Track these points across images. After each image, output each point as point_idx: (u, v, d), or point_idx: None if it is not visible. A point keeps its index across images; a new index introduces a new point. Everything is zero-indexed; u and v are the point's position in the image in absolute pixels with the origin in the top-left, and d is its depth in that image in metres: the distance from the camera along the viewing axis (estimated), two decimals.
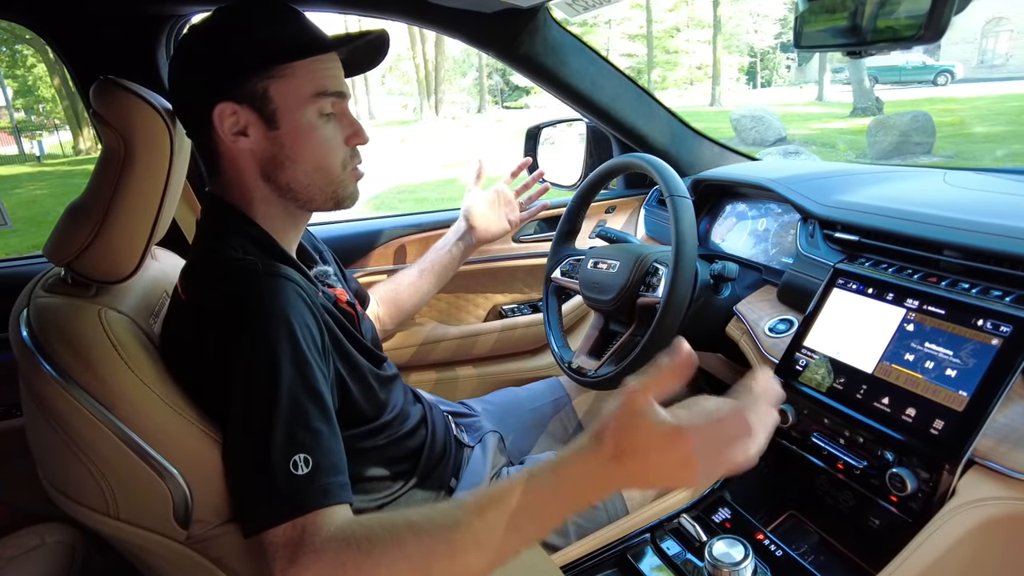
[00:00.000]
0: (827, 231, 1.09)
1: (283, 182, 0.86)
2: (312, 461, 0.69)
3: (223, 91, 0.81)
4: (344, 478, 0.72)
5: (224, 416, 0.74)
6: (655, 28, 22.65)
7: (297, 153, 0.84)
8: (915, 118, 8.55)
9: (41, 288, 0.81)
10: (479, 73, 24.73)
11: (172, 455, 0.73)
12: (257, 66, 0.81)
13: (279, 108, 0.82)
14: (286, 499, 0.67)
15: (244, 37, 0.82)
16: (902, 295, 0.89)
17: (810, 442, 0.95)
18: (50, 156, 18.01)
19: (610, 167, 1.24)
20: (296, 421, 0.70)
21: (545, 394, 1.30)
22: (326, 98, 0.84)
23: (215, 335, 0.74)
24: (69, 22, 1.11)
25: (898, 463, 0.81)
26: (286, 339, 0.73)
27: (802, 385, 0.96)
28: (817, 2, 0.79)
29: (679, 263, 1.00)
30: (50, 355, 0.72)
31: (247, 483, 0.71)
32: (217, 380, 0.74)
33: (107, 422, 0.70)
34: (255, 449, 0.69)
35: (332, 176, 0.87)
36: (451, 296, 1.65)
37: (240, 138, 0.83)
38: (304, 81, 0.82)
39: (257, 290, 0.75)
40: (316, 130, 0.84)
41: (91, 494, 0.72)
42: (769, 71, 29.68)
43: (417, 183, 9.64)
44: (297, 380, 0.72)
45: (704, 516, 0.98)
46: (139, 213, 0.80)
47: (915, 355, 0.84)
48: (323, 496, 0.68)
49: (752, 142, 10.10)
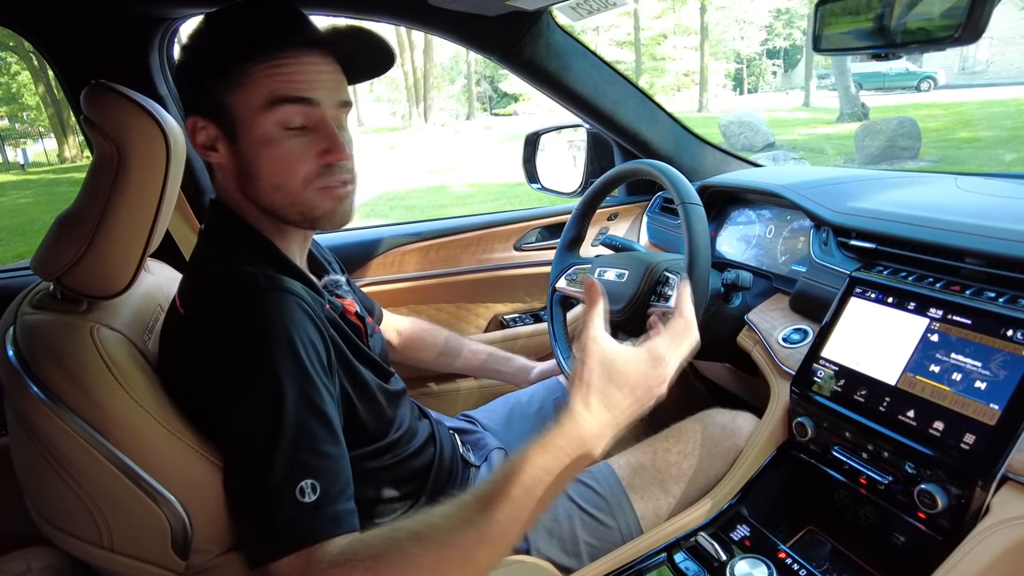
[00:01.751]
0: (841, 238, 1.07)
1: (253, 197, 0.80)
2: (319, 488, 0.65)
3: (191, 104, 0.78)
4: (352, 504, 0.69)
5: (225, 440, 0.70)
6: (642, 35, 22.75)
7: (256, 168, 0.78)
8: (901, 123, 8.63)
9: (28, 304, 0.77)
10: (468, 80, 24.75)
11: (169, 481, 0.69)
12: (214, 73, 0.75)
13: (237, 119, 0.76)
14: (294, 529, 0.63)
15: (209, 42, 0.77)
16: (924, 304, 0.87)
17: (830, 456, 0.92)
18: (35, 164, 17.83)
19: (617, 174, 1.21)
20: (302, 445, 0.67)
21: (546, 395, 1.27)
22: (286, 106, 0.75)
23: (215, 354, 0.70)
24: (57, 25, 1.06)
25: (925, 478, 0.79)
26: (290, 358, 0.69)
27: (820, 397, 0.93)
28: (838, 3, 0.77)
29: (694, 272, 0.97)
30: (39, 376, 0.68)
31: (252, 511, 0.67)
32: (218, 402, 0.70)
33: (100, 447, 0.66)
34: (260, 475, 0.65)
35: (291, 195, 0.78)
36: (451, 306, 1.61)
37: (210, 152, 0.79)
38: (258, 88, 0.74)
39: (258, 306, 0.72)
40: (273, 144, 0.76)
41: (83, 524, 0.68)
42: (755, 77, 29.99)
43: (406, 190, 9.59)
44: (301, 402, 0.68)
45: (722, 533, 0.94)
46: (133, 224, 0.76)
47: (941, 367, 0.81)
48: (333, 525, 0.65)
49: (741, 148, 10.15)
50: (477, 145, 14.45)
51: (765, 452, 0.99)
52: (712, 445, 1.03)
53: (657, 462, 1.02)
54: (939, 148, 8.98)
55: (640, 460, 1.03)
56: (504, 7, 1.15)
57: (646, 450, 1.05)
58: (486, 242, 1.60)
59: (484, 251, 1.60)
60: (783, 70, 30.18)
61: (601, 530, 0.97)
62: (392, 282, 1.52)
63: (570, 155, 1.79)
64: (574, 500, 0.98)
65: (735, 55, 26.95)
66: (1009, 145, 8.90)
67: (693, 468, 1.01)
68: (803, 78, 20.15)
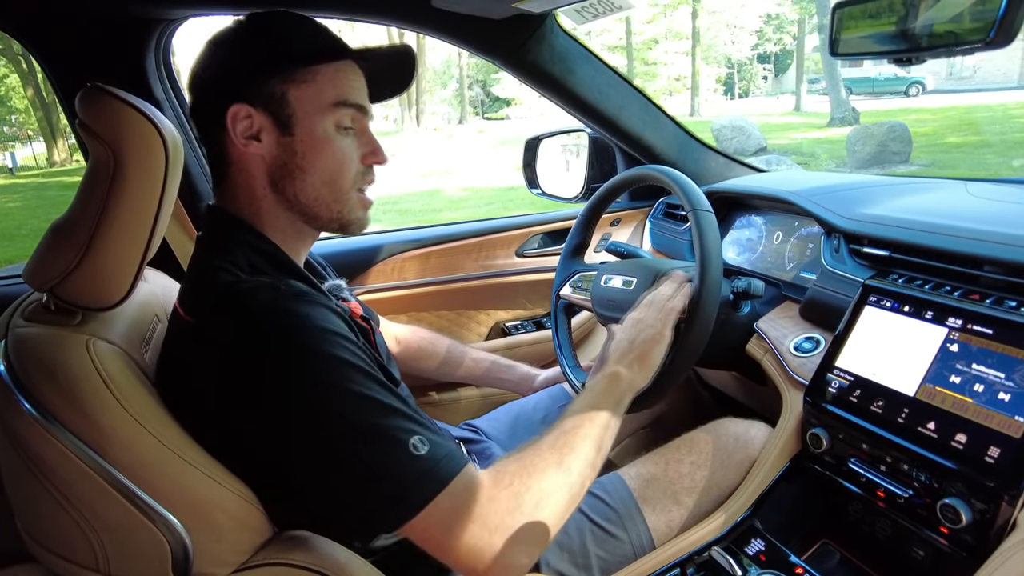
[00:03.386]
0: (853, 245, 1.05)
1: (291, 192, 0.81)
2: (425, 438, 0.68)
3: (239, 92, 0.78)
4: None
5: (290, 448, 0.68)
6: (634, 39, 22.85)
7: (308, 162, 0.80)
8: (892, 128, 8.69)
9: (20, 316, 0.73)
10: (460, 84, 24.76)
11: (170, 501, 0.66)
12: (278, 68, 0.78)
13: (296, 113, 0.79)
14: (431, 474, 0.66)
15: (265, 38, 0.80)
16: (943, 313, 0.85)
17: (846, 467, 0.90)
18: (23, 168, 17.66)
19: (623, 179, 1.19)
20: (389, 413, 0.68)
21: (550, 404, 1.25)
22: (346, 109, 0.81)
23: (244, 368, 0.68)
24: (50, 27, 1.03)
25: (948, 492, 0.77)
26: (335, 348, 0.69)
27: (836, 408, 0.91)
28: (857, 6, 0.75)
29: (706, 280, 0.95)
30: (31, 392, 0.64)
31: (378, 489, 0.66)
32: (259, 412, 0.67)
33: (96, 467, 0.63)
34: (366, 457, 0.66)
35: (340, 193, 0.83)
36: (451, 313, 1.59)
37: (252, 142, 0.79)
38: (325, 88, 0.79)
39: (287, 312, 0.70)
40: (331, 141, 0.80)
41: (78, 548, 0.65)
42: (746, 81, 30.18)
43: (400, 194, 9.55)
44: (365, 379, 0.69)
45: (736, 547, 0.92)
46: (131, 232, 0.73)
47: (962, 377, 0.80)
48: (460, 455, 0.69)
49: (733, 152, 10.07)
50: (470, 149, 14.44)
51: (778, 463, 0.98)
52: (725, 456, 1.01)
53: (669, 473, 1.00)
54: (929, 152, 9.05)
55: (651, 471, 1.01)
56: (510, 10, 1.13)
57: (657, 460, 1.02)
58: (487, 248, 1.57)
59: (485, 257, 1.58)
60: (774, 75, 30.39)
61: (612, 543, 0.95)
62: (392, 289, 1.49)
63: (563, 159, 1.77)
64: (584, 512, 0.96)
65: (726, 60, 27.10)
66: (997, 149, 8.98)
67: (706, 479, 0.99)
68: (794, 83, 20.31)
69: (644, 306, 0.98)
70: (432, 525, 0.66)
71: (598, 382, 0.89)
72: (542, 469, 0.73)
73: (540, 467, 0.73)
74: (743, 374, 1.24)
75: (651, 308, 0.97)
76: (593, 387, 0.88)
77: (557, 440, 0.77)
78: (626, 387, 0.88)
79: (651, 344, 0.93)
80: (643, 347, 0.93)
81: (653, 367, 0.92)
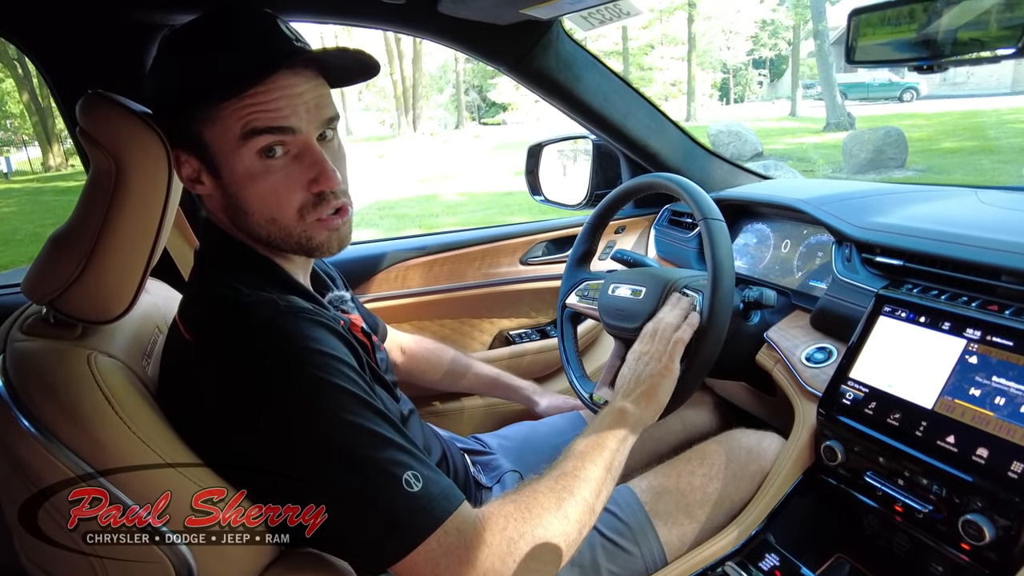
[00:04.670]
0: (865, 255, 1.04)
1: (247, 229, 0.76)
2: (419, 474, 0.66)
3: (174, 137, 0.73)
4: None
5: (278, 472, 0.66)
6: (630, 45, 22.90)
7: (244, 202, 0.74)
8: (888, 133, 8.72)
9: (19, 330, 0.71)
10: (456, 89, 24.77)
11: (174, 521, 0.64)
12: (182, 109, 0.71)
13: (215, 154, 0.72)
14: (425, 512, 0.64)
15: (174, 75, 0.71)
16: (961, 324, 0.84)
17: (862, 481, 0.88)
18: (18, 173, 17.57)
19: (631, 187, 1.17)
20: (384, 445, 0.66)
21: (566, 429, 1.22)
22: (261, 137, 0.70)
23: (241, 391, 0.66)
24: (49, 31, 1.01)
25: (969, 508, 0.75)
26: (333, 373, 0.67)
27: (851, 420, 0.89)
28: (876, 13, 0.74)
29: (718, 290, 0.94)
30: (30, 409, 0.63)
31: (368, 524, 0.64)
32: (258, 432, 0.66)
33: (98, 487, 0.61)
34: (358, 490, 0.64)
35: (287, 227, 0.75)
36: (455, 321, 1.57)
37: (197, 185, 0.75)
38: (229, 122, 0.69)
39: (288, 330, 0.68)
40: (259, 177, 0.72)
41: (77, 570, 0.63)
42: (742, 87, 30.28)
43: (397, 199, 9.53)
44: (361, 406, 0.67)
45: (750, 563, 0.90)
46: (133, 243, 0.72)
47: (982, 390, 0.78)
48: (453, 496, 0.67)
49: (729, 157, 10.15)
50: (466, 154, 14.43)
51: (792, 476, 0.96)
52: (738, 468, 0.99)
53: (681, 485, 0.98)
54: (925, 157, 9.08)
55: (663, 484, 0.99)
56: (517, 16, 1.12)
57: (669, 472, 1.01)
58: (491, 256, 1.55)
59: (490, 265, 1.56)
60: (769, 80, 30.52)
61: (624, 558, 0.93)
62: (395, 298, 1.47)
63: (560, 164, 1.75)
64: (596, 526, 0.93)
65: (722, 65, 27.20)
66: (994, 155, 9.01)
67: (718, 492, 0.98)
68: (789, 88, 20.39)
69: (649, 337, 0.96)
70: (422, 564, 0.64)
71: (604, 417, 0.87)
72: (539, 514, 0.71)
73: (537, 512, 0.71)
74: (752, 384, 1.22)
75: (656, 340, 0.95)
76: (599, 422, 0.86)
77: (557, 483, 0.75)
78: (632, 423, 0.86)
79: (658, 379, 0.91)
80: (650, 382, 0.90)
81: (662, 403, 0.90)
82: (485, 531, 0.67)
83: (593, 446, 0.81)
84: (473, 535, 0.66)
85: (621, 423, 0.85)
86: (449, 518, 0.65)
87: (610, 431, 0.84)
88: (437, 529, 0.64)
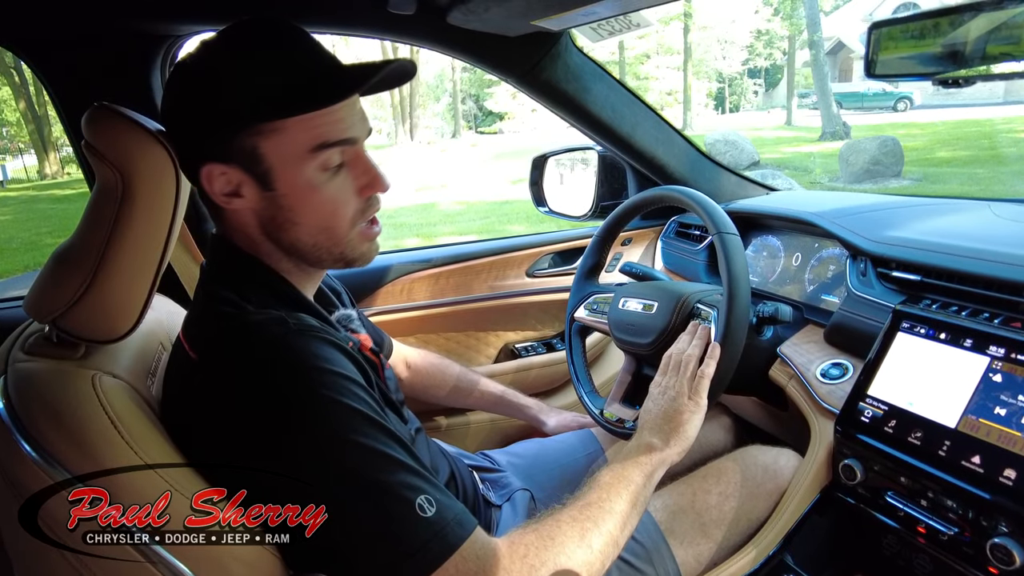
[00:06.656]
0: (881, 269, 1.03)
1: (287, 242, 0.75)
2: (433, 498, 0.64)
3: (208, 150, 0.70)
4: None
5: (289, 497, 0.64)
6: (626, 55, 23.04)
7: (297, 215, 0.73)
8: (884, 142, 8.74)
9: (20, 349, 0.69)
10: (453, 98, 24.84)
11: (179, 549, 0.61)
12: (239, 122, 0.68)
13: (273, 167, 0.70)
14: (440, 538, 0.63)
15: (228, 85, 0.69)
16: (983, 341, 0.82)
17: (882, 501, 0.87)
18: (14, 181, 17.55)
19: (642, 200, 1.16)
20: (398, 469, 0.65)
21: (577, 447, 1.19)
22: (329, 150, 0.71)
23: (251, 413, 0.64)
24: (53, 44, 0.99)
25: (996, 531, 0.73)
26: (343, 395, 0.66)
27: (870, 438, 0.88)
28: (897, 27, 0.73)
29: (735, 307, 0.92)
30: (32, 433, 0.60)
31: (383, 551, 0.63)
32: (269, 457, 0.64)
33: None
34: (371, 515, 0.63)
35: (339, 236, 0.76)
36: (460, 335, 1.55)
37: (234, 199, 0.72)
38: (299, 135, 0.69)
39: (297, 352, 0.66)
40: (319, 188, 0.72)
41: None
42: (737, 96, 30.47)
43: (395, 208, 9.51)
44: (375, 430, 0.66)
45: None
46: (140, 259, 0.70)
47: (1007, 409, 0.76)
48: (467, 520, 0.66)
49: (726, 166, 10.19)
50: (463, 163, 14.44)
51: (809, 495, 0.94)
52: (754, 486, 0.97)
53: (697, 504, 0.96)
54: (920, 167, 9.12)
55: (678, 502, 0.97)
56: (527, 27, 1.10)
57: (684, 491, 0.99)
58: (498, 268, 1.54)
59: (495, 278, 1.54)
60: (764, 89, 30.69)
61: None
62: (400, 311, 1.45)
63: (557, 173, 1.74)
64: None
65: (717, 75, 27.38)
66: (989, 165, 9.06)
67: (734, 510, 0.96)
68: (783, 97, 20.47)
69: (672, 370, 0.94)
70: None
71: (630, 450, 0.85)
72: (561, 543, 0.69)
73: (560, 540, 0.70)
74: (764, 400, 1.21)
75: (680, 375, 0.92)
76: (626, 456, 0.84)
77: (581, 513, 0.74)
78: (659, 460, 0.84)
79: (688, 415, 0.89)
80: (678, 419, 0.88)
81: (690, 440, 0.88)
82: (505, 558, 0.66)
83: (619, 478, 0.80)
84: (493, 561, 0.65)
85: (648, 459, 0.84)
86: (464, 544, 0.64)
87: (636, 466, 0.82)
88: (454, 554, 0.63)
